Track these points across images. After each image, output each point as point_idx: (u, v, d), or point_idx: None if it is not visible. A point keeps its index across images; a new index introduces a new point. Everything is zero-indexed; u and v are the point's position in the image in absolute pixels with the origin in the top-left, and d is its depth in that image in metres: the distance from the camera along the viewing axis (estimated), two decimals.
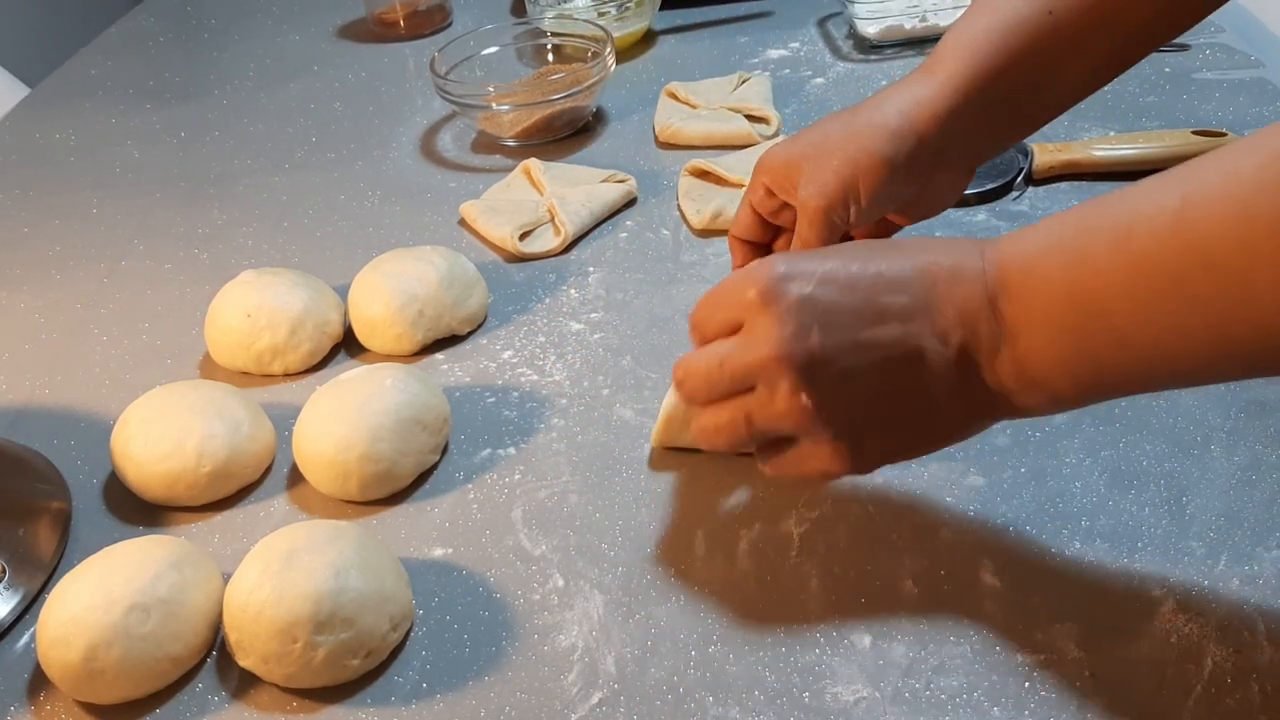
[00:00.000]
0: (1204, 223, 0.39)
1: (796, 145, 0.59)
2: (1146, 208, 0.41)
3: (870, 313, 0.47)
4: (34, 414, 0.73)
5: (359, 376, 0.63)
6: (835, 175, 0.57)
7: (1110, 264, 0.42)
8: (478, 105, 0.93)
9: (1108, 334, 0.42)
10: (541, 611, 0.55)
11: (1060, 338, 0.44)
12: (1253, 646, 0.48)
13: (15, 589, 0.59)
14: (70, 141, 1.08)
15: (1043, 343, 0.44)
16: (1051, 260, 0.44)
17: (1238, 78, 0.89)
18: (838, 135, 0.58)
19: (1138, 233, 0.41)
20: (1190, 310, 0.39)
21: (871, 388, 0.47)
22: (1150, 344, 0.41)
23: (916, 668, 0.49)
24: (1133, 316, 0.41)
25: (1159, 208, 0.41)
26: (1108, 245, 0.42)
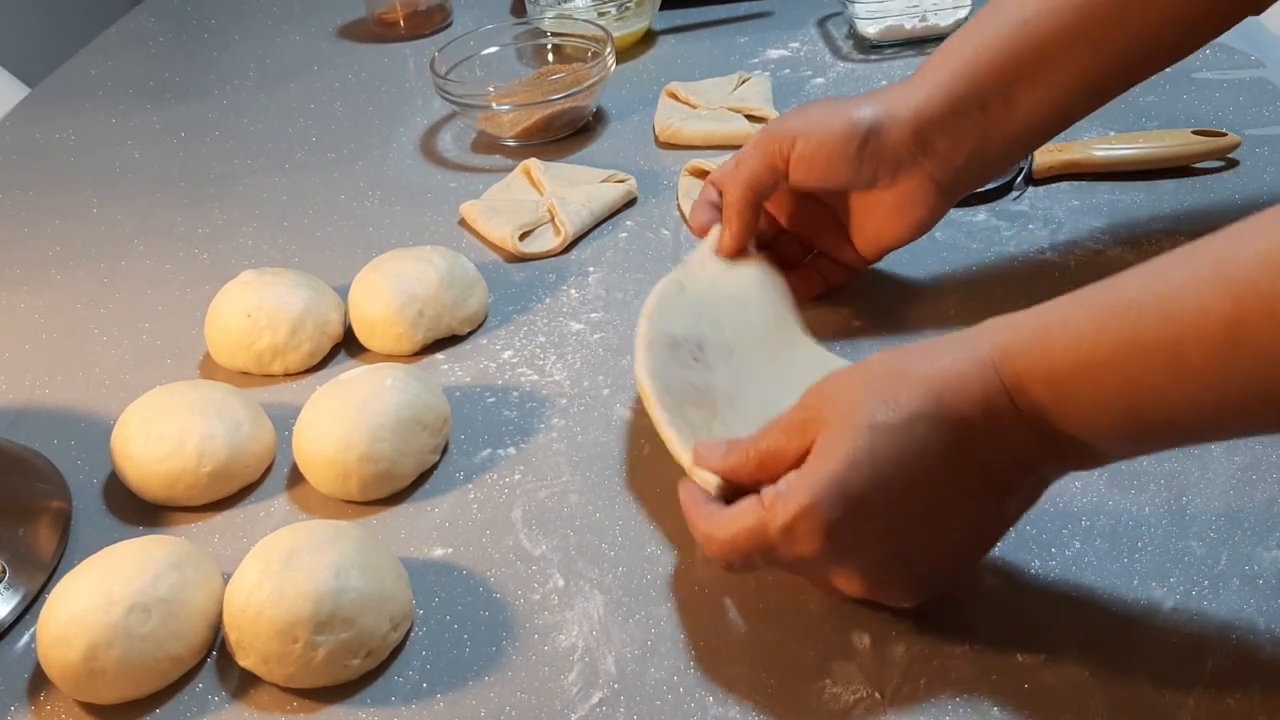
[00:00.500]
0: (1264, 322, 0.37)
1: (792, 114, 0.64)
2: (1192, 315, 0.39)
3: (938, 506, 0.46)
4: (34, 414, 0.73)
5: (359, 376, 0.64)
6: (802, 118, 0.62)
7: (1170, 384, 0.40)
8: (478, 105, 0.93)
9: (1176, 435, 0.44)
10: (541, 611, 0.55)
11: (1124, 444, 0.44)
12: (1253, 646, 0.48)
13: (15, 589, 0.59)
14: (70, 141, 1.08)
15: (1108, 447, 0.44)
16: (1103, 385, 0.42)
17: (1238, 78, 0.89)
18: (818, 106, 0.63)
19: (1191, 348, 0.39)
20: (1261, 405, 0.39)
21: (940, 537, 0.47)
22: (1216, 433, 0.43)
23: (916, 668, 0.49)
24: (1200, 421, 0.41)
25: (1206, 314, 0.39)
26: (1163, 367, 0.40)
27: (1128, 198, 0.77)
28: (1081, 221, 0.75)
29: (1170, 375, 0.40)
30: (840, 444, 0.45)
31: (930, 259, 0.73)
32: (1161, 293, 0.40)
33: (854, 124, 0.61)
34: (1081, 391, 0.42)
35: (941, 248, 0.74)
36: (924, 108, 0.60)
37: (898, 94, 0.62)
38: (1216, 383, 0.39)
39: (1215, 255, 0.40)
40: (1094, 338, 0.42)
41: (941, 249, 0.74)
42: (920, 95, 0.60)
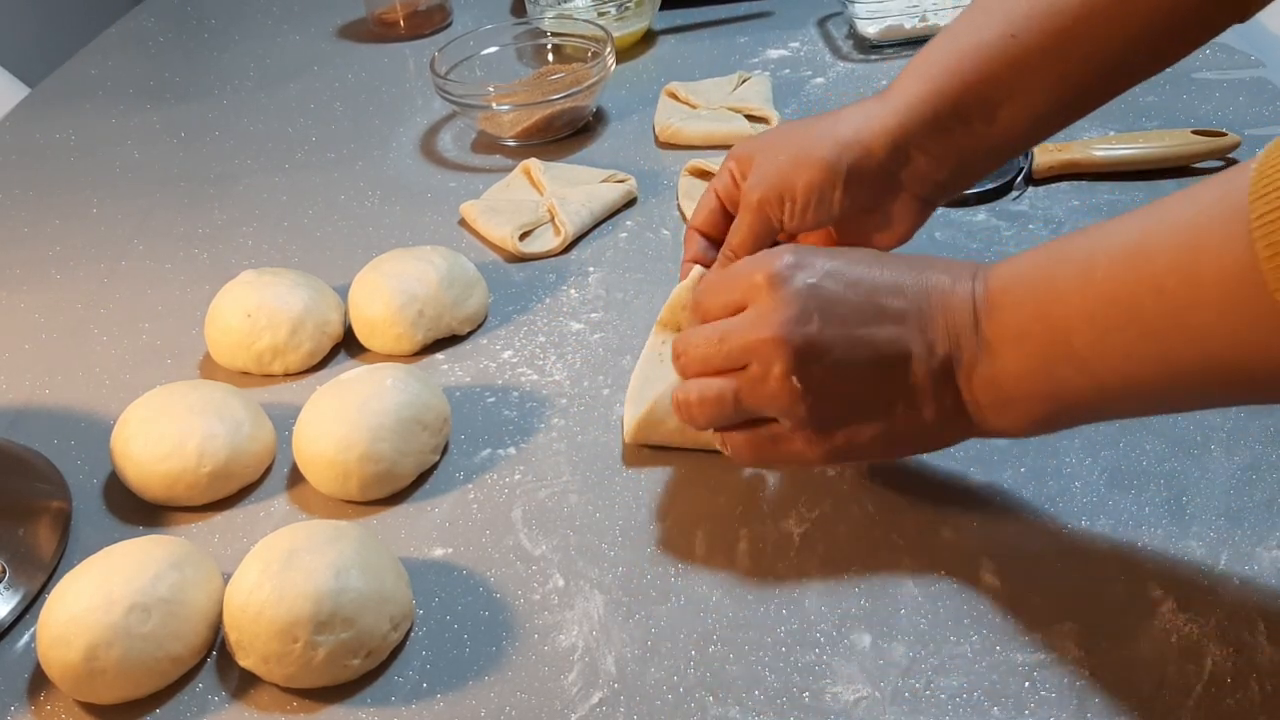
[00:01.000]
0: (1157, 254, 0.41)
1: (759, 140, 0.61)
2: (1110, 239, 0.44)
3: (869, 311, 0.50)
4: (34, 414, 0.73)
5: (359, 376, 0.63)
6: (777, 171, 0.59)
7: (1074, 290, 0.44)
8: (478, 105, 0.93)
9: (1070, 358, 0.45)
10: (541, 611, 0.55)
11: (1029, 357, 0.46)
12: (1253, 646, 0.48)
13: (15, 589, 0.59)
14: (70, 141, 1.08)
15: (1014, 361, 0.47)
16: (1026, 285, 0.47)
17: (1238, 78, 0.89)
18: (795, 136, 0.60)
19: (1099, 262, 0.43)
20: (1143, 337, 0.42)
21: (859, 382, 0.50)
22: (1108, 370, 0.44)
23: (916, 668, 0.49)
24: (1092, 341, 0.43)
25: (1121, 239, 0.43)
26: (1074, 273, 0.44)
27: (1128, 198, 0.77)
28: (1081, 221, 0.75)
29: (1079, 280, 0.44)
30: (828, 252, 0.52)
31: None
32: (1101, 224, 0.45)
33: (833, 168, 0.58)
34: (1012, 291, 0.47)
35: (941, 248, 0.74)
36: (904, 127, 0.58)
37: (874, 116, 0.59)
38: (1111, 296, 0.42)
39: (1149, 205, 0.43)
40: (1043, 254, 0.47)
41: (941, 249, 0.74)
42: (899, 113, 0.59)
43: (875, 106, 0.59)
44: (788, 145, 0.60)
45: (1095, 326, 0.43)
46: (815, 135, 0.59)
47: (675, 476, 0.61)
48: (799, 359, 0.49)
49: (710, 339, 0.52)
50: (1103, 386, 0.44)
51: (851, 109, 0.60)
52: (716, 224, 0.63)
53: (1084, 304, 0.43)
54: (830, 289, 0.50)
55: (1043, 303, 0.46)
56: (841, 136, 0.58)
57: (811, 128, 0.60)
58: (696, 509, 0.59)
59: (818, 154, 0.58)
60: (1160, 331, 0.41)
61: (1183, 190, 0.42)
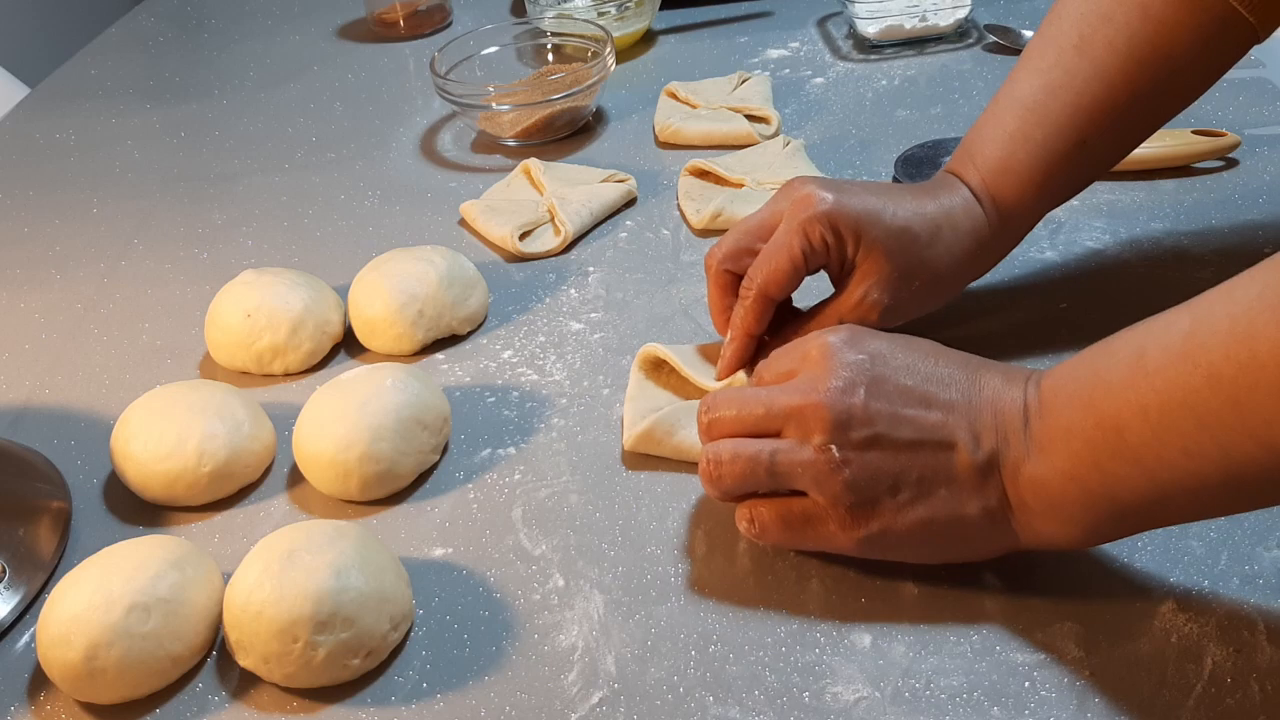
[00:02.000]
0: (1210, 341, 0.40)
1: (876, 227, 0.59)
2: (1160, 330, 0.43)
3: (917, 394, 0.49)
4: (34, 414, 0.73)
5: (359, 376, 0.63)
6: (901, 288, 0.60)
7: (1124, 383, 0.43)
8: (478, 105, 0.93)
9: (1123, 453, 0.43)
10: (541, 611, 0.55)
11: (1077, 455, 0.45)
12: (1253, 646, 0.48)
13: (15, 589, 0.59)
14: (70, 141, 1.08)
15: (1062, 459, 0.45)
16: (1076, 381, 0.46)
17: (1238, 78, 0.88)
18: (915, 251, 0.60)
19: (1150, 354, 0.42)
20: (1200, 429, 0.40)
21: (900, 461, 0.48)
22: (1164, 465, 0.42)
23: (916, 668, 0.49)
24: (1146, 435, 0.42)
25: (1171, 329, 0.42)
26: (1123, 366, 0.43)
27: (1128, 198, 0.77)
28: (1081, 221, 0.75)
29: (1129, 371, 0.43)
30: (886, 336, 0.52)
31: None
32: (1149, 319, 0.44)
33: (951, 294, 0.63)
34: (1062, 387, 0.47)
35: None
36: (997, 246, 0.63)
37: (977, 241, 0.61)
38: (1164, 387, 0.42)
39: (1198, 297, 0.43)
40: (1095, 346, 0.46)
41: None
42: (997, 237, 0.62)
43: (978, 227, 0.61)
44: (919, 274, 0.59)
45: (1149, 419, 0.42)
46: (943, 275, 0.60)
47: (675, 477, 0.61)
48: (839, 427, 0.48)
49: (750, 400, 0.51)
50: (1159, 484, 0.43)
51: (957, 221, 0.61)
52: (786, 287, 0.60)
53: (1136, 397, 0.42)
54: (881, 368, 0.50)
55: (1092, 398, 0.44)
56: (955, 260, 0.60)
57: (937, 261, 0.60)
58: (696, 509, 0.59)
59: (947, 291, 0.62)
60: (1218, 422, 0.40)
61: (1229, 281, 0.41)
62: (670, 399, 0.64)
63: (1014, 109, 0.61)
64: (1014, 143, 0.61)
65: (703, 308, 0.73)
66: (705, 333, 0.71)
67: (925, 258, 0.59)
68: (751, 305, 0.60)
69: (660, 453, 0.61)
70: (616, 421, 0.65)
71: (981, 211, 0.61)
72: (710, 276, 0.63)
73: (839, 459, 0.48)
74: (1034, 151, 0.60)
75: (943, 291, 0.62)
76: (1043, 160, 0.60)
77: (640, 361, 0.66)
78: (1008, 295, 0.69)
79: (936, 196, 0.61)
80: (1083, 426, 0.45)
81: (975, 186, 0.62)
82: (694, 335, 0.71)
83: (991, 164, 0.61)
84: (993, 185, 0.61)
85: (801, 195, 0.59)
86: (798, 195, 0.59)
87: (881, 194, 0.60)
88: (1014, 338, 0.66)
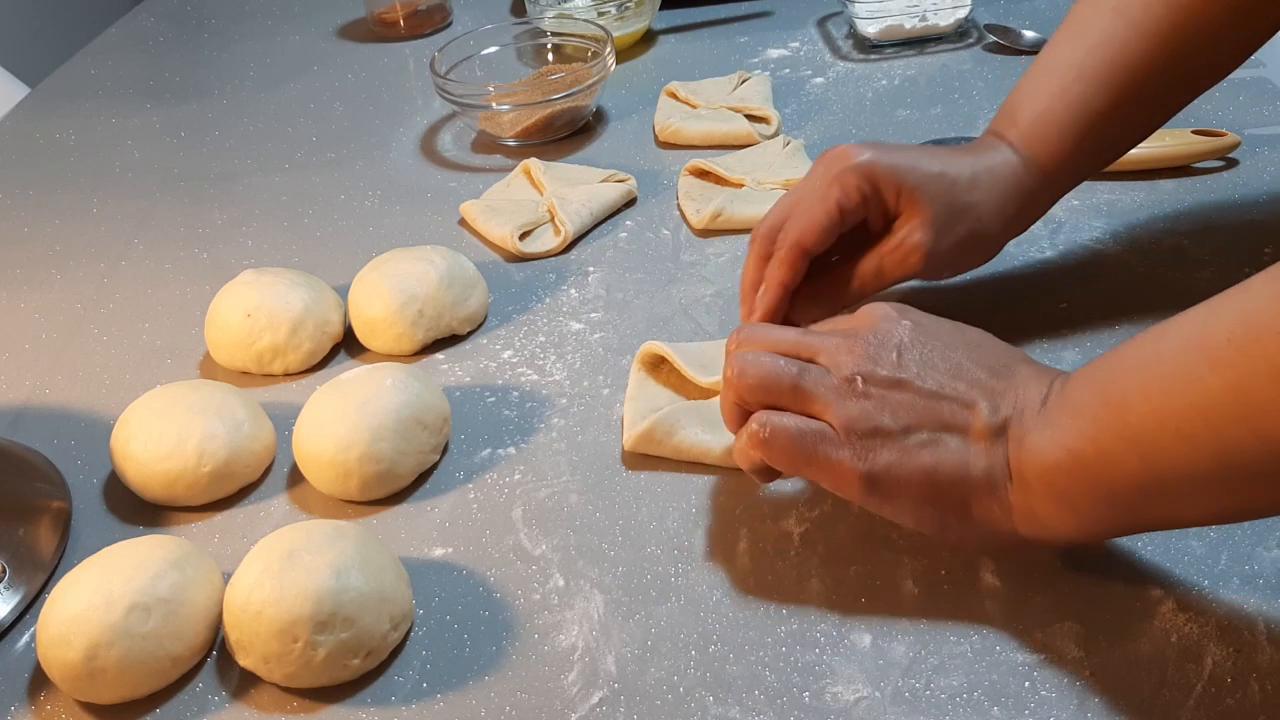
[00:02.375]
0: (1218, 331, 0.41)
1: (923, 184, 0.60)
2: (1179, 320, 0.44)
3: (950, 366, 0.51)
4: (34, 414, 0.73)
5: (359, 376, 0.64)
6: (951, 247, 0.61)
7: (1135, 367, 0.44)
8: (478, 105, 0.93)
9: (1124, 435, 0.44)
10: (541, 611, 0.55)
11: (1081, 432, 0.46)
12: (1253, 646, 0.48)
13: (15, 589, 0.59)
14: (70, 141, 1.08)
15: (1066, 433, 0.46)
16: (1096, 367, 0.47)
17: (1238, 77, 0.88)
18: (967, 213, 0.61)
19: (1164, 342, 0.44)
20: (1197, 413, 0.41)
21: (918, 408, 0.50)
22: (1160, 449, 0.42)
23: (916, 667, 0.49)
24: (1146, 418, 0.43)
25: (1187, 320, 0.43)
26: (1138, 352, 0.45)
27: (1128, 197, 0.77)
28: (1081, 221, 0.75)
29: (1138, 353, 0.44)
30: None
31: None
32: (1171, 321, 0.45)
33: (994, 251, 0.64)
34: (1086, 369, 0.48)
35: None
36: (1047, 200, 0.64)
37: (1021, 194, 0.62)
38: (1169, 364, 0.42)
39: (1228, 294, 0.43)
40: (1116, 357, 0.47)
41: None
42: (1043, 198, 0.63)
43: (1026, 180, 0.62)
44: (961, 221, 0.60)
45: (1150, 401, 0.42)
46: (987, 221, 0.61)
47: (675, 477, 0.61)
48: (869, 363, 0.50)
49: (783, 330, 0.54)
50: (1152, 468, 0.43)
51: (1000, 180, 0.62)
52: (822, 240, 0.60)
53: (1142, 381, 0.43)
54: (921, 335, 0.51)
55: (1105, 380, 0.45)
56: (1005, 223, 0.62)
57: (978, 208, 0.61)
58: (696, 509, 0.59)
59: (989, 244, 0.63)
60: (1216, 409, 0.40)
61: (1250, 279, 0.41)
62: (671, 398, 0.64)
63: (1052, 69, 0.62)
64: (1051, 99, 0.62)
65: (703, 307, 0.73)
66: (705, 333, 0.71)
67: (967, 202, 0.60)
68: (785, 255, 0.60)
69: (660, 453, 0.61)
70: (616, 421, 0.65)
71: (1020, 164, 0.62)
72: (751, 249, 0.63)
73: (861, 389, 0.50)
74: (1072, 106, 0.61)
75: (986, 243, 0.62)
76: (1080, 116, 0.61)
77: (640, 360, 0.66)
78: (1008, 295, 0.69)
79: (974, 152, 0.63)
80: (1091, 405, 0.45)
81: (1014, 141, 0.62)
82: (694, 335, 0.71)
83: (1029, 120, 0.62)
84: (1031, 140, 0.62)
85: (837, 151, 0.60)
86: (833, 153, 0.61)
87: (917, 150, 0.62)
88: (1014, 337, 0.65)
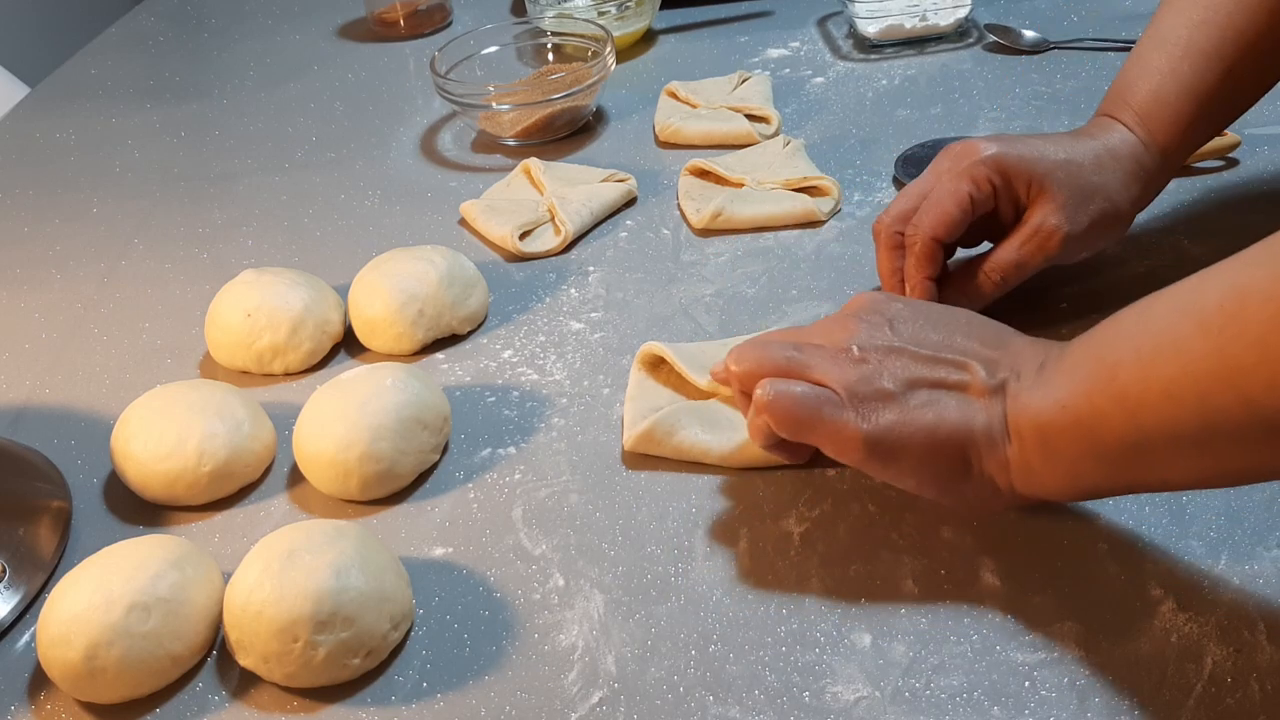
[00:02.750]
0: (1208, 293, 0.42)
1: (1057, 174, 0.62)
2: (1174, 287, 0.44)
3: (941, 334, 0.52)
4: (34, 414, 0.73)
5: (359, 376, 0.64)
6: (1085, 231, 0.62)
7: (1128, 330, 0.45)
8: (478, 105, 0.93)
9: (1112, 391, 0.45)
10: (542, 611, 0.55)
11: (1075, 387, 0.47)
12: (1253, 646, 0.48)
13: (15, 588, 0.59)
14: (70, 141, 1.08)
15: (1060, 390, 0.47)
16: (1094, 330, 0.48)
17: None
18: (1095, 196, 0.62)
19: (1157, 305, 0.45)
20: (1184, 374, 0.42)
21: (915, 370, 0.51)
22: (1147, 408, 0.43)
23: (916, 667, 0.49)
24: (1136, 376, 0.44)
25: (1181, 286, 0.44)
26: (1134, 314, 0.46)
27: None
28: None
29: (1132, 323, 0.45)
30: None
31: None
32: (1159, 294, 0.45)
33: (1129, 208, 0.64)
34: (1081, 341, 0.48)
35: None
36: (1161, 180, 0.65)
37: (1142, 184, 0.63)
38: (1156, 329, 0.44)
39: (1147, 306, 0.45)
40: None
41: None
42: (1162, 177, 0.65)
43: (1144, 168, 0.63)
44: (1092, 201, 0.62)
45: (1140, 360, 0.43)
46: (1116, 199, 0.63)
47: (675, 477, 0.61)
48: (865, 334, 0.53)
49: (779, 332, 0.57)
50: (1139, 426, 0.44)
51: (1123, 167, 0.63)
52: (954, 230, 0.62)
53: (1133, 341, 0.44)
54: (912, 311, 0.54)
55: (1101, 342, 0.47)
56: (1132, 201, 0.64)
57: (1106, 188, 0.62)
58: (696, 509, 0.59)
59: (1120, 222, 0.64)
60: (1201, 370, 0.41)
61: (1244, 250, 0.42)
62: (671, 398, 0.64)
63: (1160, 47, 0.64)
64: (1162, 77, 0.63)
65: (703, 307, 0.73)
66: (705, 332, 0.71)
67: (1096, 183, 0.62)
68: (921, 250, 0.62)
69: (660, 453, 0.61)
70: (616, 421, 0.65)
71: (1139, 142, 0.63)
72: (879, 240, 0.65)
73: (859, 355, 0.52)
74: (1184, 83, 0.63)
75: (1119, 219, 0.64)
76: (1193, 92, 0.63)
77: (640, 360, 0.66)
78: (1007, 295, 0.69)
79: (1093, 135, 0.64)
80: (1085, 365, 0.47)
81: (1129, 122, 0.64)
82: (694, 335, 0.71)
83: (1142, 99, 0.64)
84: (1146, 119, 0.64)
85: (963, 146, 0.62)
86: (958, 148, 0.62)
87: (1040, 139, 0.63)
88: None
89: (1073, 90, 0.91)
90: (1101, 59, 0.95)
